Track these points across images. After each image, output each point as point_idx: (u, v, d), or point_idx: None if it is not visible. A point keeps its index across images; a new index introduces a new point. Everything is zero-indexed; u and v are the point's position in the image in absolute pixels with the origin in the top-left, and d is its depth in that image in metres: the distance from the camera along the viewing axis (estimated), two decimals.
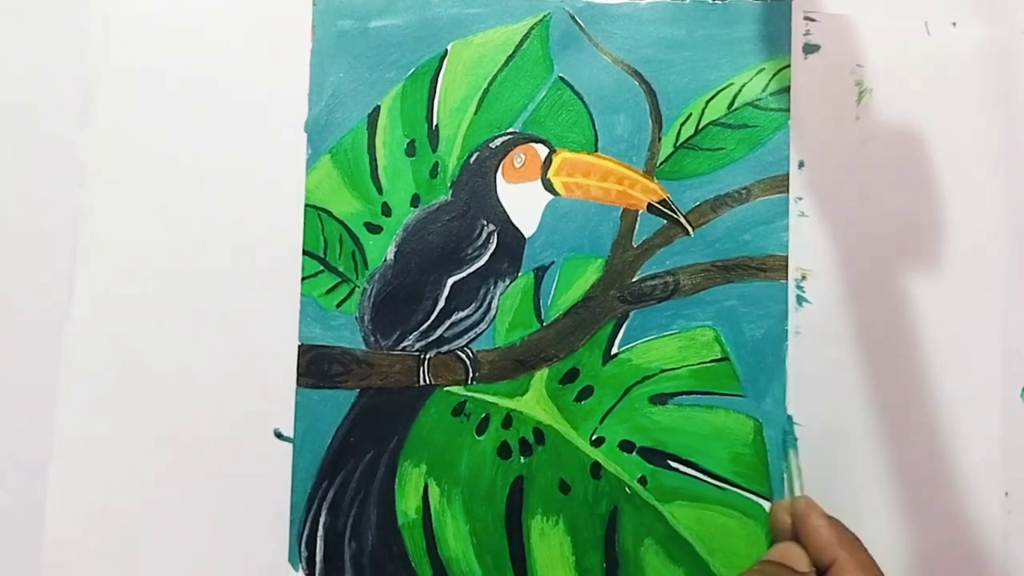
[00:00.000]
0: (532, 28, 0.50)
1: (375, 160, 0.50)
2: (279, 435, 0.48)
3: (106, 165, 0.49)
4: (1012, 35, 0.51)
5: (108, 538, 0.47)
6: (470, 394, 0.49)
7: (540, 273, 0.49)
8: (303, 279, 0.49)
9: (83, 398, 0.48)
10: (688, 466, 0.48)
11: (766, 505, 0.48)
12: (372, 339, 0.49)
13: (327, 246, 0.49)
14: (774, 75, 0.50)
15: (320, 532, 0.47)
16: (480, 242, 0.49)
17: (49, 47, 0.50)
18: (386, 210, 0.49)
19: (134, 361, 0.48)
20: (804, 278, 0.49)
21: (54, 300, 0.49)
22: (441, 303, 0.49)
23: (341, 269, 0.49)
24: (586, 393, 0.49)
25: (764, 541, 0.47)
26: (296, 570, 0.47)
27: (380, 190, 0.49)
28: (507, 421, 0.48)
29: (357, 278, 0.49)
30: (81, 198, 0.49)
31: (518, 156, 0.50)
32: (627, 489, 0.48)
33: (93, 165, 0.49)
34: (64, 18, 0.50)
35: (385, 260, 0.49)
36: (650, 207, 0.49)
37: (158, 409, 0.48)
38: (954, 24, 0.51)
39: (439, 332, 0.49)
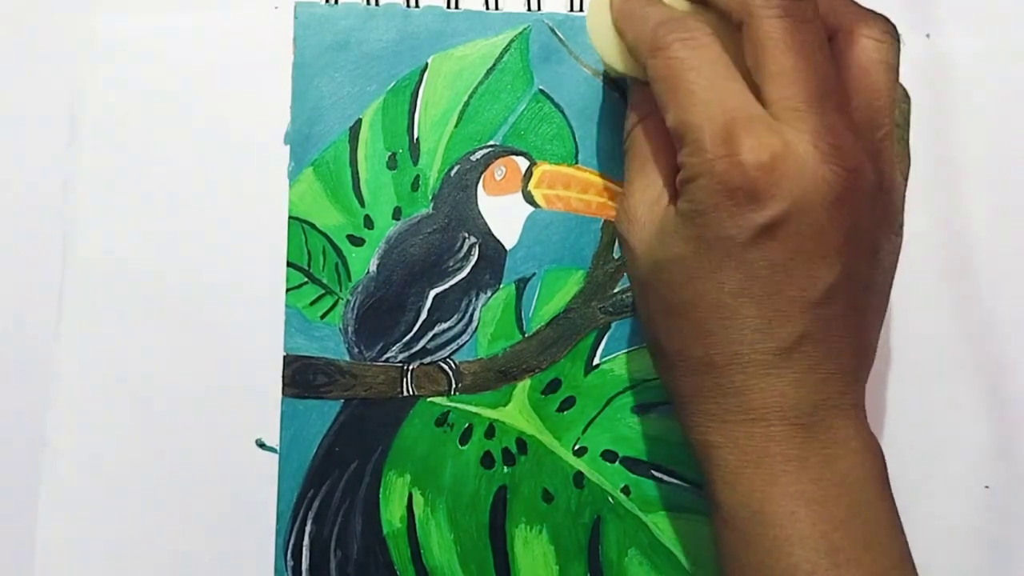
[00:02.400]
0: (512, 41, 0.50)
1: (357, 173, 0.50)
2: (262, 445, 0.48)
3: (91, 180, 0.50)
4: (983, 46, 0.51)
5: (95, 548, 0.48)
6: (453, 404, 0.49)
7: (521, 285, 0.49)
8: (288, 290, 0.49)
9: (71, 410, 0.48)
10: (671, 476, 0.48)
11: None
12: (356, 350, 0.49)
13: (311, 258, 0.49)
14: None
15: (306, 541, 0.48)
16: (461, 254, 0.49)
17: (33, 63, 0.51)
18: (368, 223, 0.50)
19: (122, 372, 0.49)
20: None
21: (43, 314, 0.49)
22: (423, 315, 0.49)
23: (325, 281, 0.49)
24: (568, 403, 0.49)
25: None
26: None
27: (362, 203, 0.50)
28: (490, 431, 0.48)
29: (341, 290, 0.49)
30: (67, 213, 0.50)
31: (499, 169, 0.50)
32: (610, 499, 0.48)
33: (78, 180, 0.50)
34: (48, 34, 0.51)
35: (368, 272, 0.49)
36: None
37: (146, 420, 0.48)
38: (928, 36, 0.51)
39: (422, 343, 0.49)
